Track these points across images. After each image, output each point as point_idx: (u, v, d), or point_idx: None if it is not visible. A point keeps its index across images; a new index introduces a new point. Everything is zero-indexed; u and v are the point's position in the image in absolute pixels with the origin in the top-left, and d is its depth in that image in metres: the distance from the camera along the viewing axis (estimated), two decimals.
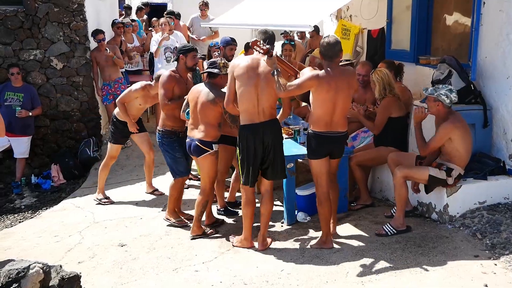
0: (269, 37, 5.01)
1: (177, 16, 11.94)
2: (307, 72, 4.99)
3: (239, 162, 5.15)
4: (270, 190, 5.19)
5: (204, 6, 11.03)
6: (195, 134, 5.35)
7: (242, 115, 5.01)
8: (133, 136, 6.88)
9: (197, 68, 7.53)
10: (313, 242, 5.26)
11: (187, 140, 5.46)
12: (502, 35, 5.56)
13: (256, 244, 5.21)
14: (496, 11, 5.59)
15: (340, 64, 5.31)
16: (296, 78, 5.12)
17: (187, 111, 5.52)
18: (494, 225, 5.08)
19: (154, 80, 6.41)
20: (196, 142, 5.32)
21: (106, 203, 6.79)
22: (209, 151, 5.31)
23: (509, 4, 5.45)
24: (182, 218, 5.95)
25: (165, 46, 9.27)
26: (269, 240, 5.30)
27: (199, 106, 5.31)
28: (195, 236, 5.51)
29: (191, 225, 5.63)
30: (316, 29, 10.68)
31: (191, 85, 5.92)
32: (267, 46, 4.85)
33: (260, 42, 4.88)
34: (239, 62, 5.04)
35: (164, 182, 7.26)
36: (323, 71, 4.88)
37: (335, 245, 5.15)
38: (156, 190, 7.09)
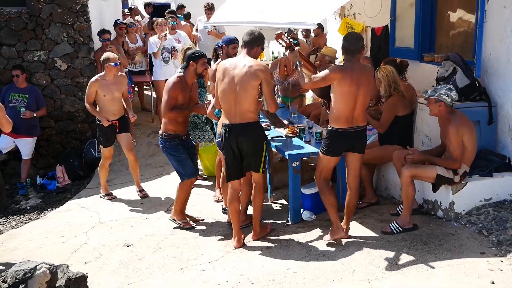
0: (255, 38, 5.12)
1: (187, 16, 11.85)
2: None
3: (224, 159, 5.34)
4: (259, 183, 5.30)
5: (209, 10, 10.79)
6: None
7: (222, 114, 5.19)
8: (117, 136, 6.92)
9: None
10: (326, 237, 5.26)
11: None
12: (506, 32, 5.54)
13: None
14: (500, 8, 5.58)
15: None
16: (315, 73, 5.26)
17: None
18: (500, 222, 5.07)
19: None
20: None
21: (112, 199, 6.83)
22: None
23: None
24: (188, 220, 5.95)
25: (162, 46, 9.28)
26: (267, 229, 5.48)
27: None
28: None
29: (196, 226, 5.72)
30: (321, 27, 10.65)
31: (196, 92, 5.93)
32: (290, 40, 5.10)
33: (284, 35, 5.13)
34: (221, 63, 5.21)
35: (169, 182, 7.29)
36: (344, 65, 4.98)
37: (343, 241, 5.16)
38: (142, 190, 7.05)
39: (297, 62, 5.12)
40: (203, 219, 6.07)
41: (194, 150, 6.08)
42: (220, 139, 5.29)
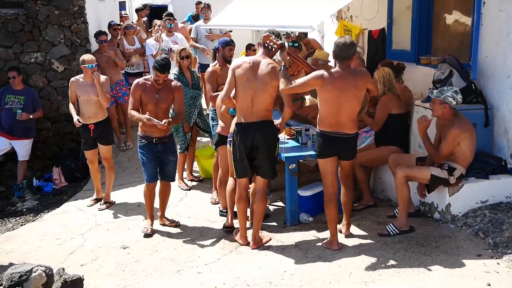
0: (278, 34, 5.13)
1: (195, 18, 11.57)
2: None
3: (232, 156, 5.27)
4: (262, 189, 5.27)
5: (206, 9, 10.48)
6: None
7: (237, 113, 5.18)
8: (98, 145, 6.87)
9: (194, 69, 7.52)
10: (320, 243, 5.27)
11: None
12: (502, 35, 5.56)
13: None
14: (496, 11, 5.59)
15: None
16: (310, 72, 5.21)
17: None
18: (497, 224, 5.08)
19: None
20: None
21: (109, 207, 6.82)
22: None
23: (509, 4, 5.45)
24: (150, 227, 5.89)
25: (159, 48, 9.27)
26: (266, 238, 5.38)
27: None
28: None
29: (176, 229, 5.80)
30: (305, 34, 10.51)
31: (170, 97, 5.74)
32: (280, 42, 5.04)
33: (272, 37, 5.05)
34: (241, 62, 5.14)
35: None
36: (329, 71, 4.94)
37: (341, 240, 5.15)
38: (106, 203, 6.90)
39: (282, 65, 4.98)
40: (179, 223, 6.03)
41: (166, 156, 5.82)
42: (231, 138, 5.26)
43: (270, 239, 5.40)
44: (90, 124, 6.69)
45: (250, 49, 7.42)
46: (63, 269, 4.28)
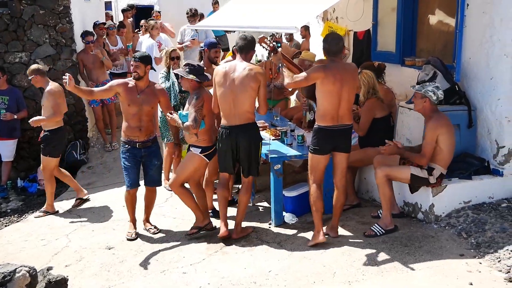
0: (249, 43, 5.28)
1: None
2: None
3: (217, 154, 5.47)
4: (247, 182, 5.46)
5: (192, 17, 10.27)
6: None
7: (222, 116, 5.32)
8: None
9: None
10: (308, 242, 5.29)
11: None
12: (485, 37, 5.62)
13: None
14: (480, 13, 5.65)
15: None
16: (299, 73, 5.37)
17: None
18: (479, 224, 5.13)
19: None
20: None
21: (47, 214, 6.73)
22: None
23: (492, 6, 5.52)
24: (134, 231, 5.85)
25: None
26: (249, 229, 5.56)
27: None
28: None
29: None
30: (307, 28, 10.59)
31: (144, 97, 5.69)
32: (274, 44, 5.31)
33: (267, 39, 5.33)
34: (220, 69, 5.34)
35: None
36: (328, 64, 5.06)
37: (323, 245, 5.17)
38: (46, 212, 6.80)
39: (279, 64, 5.29)
40: (159, 231, 5.95)
41: (150, 160, 5.78)
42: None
43: (252, 231, 5.56)
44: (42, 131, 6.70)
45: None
46: (47, 269, 4.26)
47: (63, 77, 5.39)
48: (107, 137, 9.36)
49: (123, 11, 12.59)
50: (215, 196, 6.30)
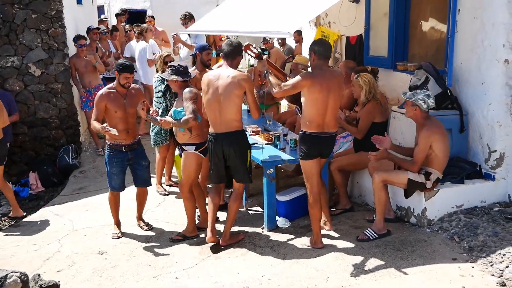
0: (235, 49, 5.26)
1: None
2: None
3: (209, 167, 5.45)
4: (237, 189, 5.43)
5: (185, 20, 10.13)
6: None
7: (210, 124, 5.31)
8: None
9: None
10: (303, 242, 5.34)
11: None
12: (477, 42, 5.66)
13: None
14: (471, 18, 5.69)
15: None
16: (285, 80, 5.37)
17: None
18: (471, 228, 5.15)
19: None
20: None
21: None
22: None
23: (483, 11, 5.55)
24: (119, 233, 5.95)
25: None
26: (239, 236, 5.53)
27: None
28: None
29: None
30: (300, 33, 10.62)
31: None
32: (258, 50, 5.30)
33: (252, 45, 5.32)
34: (205, 76, 5.34)
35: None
36: (314, 72, 5.06)
37: (316, 249, 5.18)
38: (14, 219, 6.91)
39: (265, 71, 5.24)
40: (152, 227, 6.06)
41: (138, 161, 5.83)
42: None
43: (243, 238, 5.52)
44: None
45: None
46: (39, 275, 4.23)
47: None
48: (99, 141, 9.33)
49: (117, 15, 12.57)
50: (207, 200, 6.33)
